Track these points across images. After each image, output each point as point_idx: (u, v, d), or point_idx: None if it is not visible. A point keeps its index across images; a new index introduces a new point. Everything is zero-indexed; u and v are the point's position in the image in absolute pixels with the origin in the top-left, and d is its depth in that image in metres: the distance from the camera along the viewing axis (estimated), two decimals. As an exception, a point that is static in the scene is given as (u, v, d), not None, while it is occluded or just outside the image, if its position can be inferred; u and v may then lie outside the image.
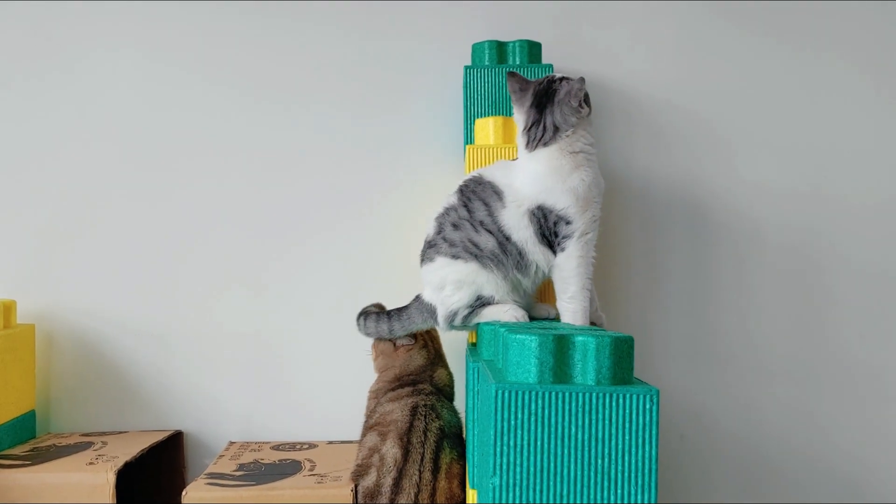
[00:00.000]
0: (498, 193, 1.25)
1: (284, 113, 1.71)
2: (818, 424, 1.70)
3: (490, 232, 1.24)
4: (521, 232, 1.23)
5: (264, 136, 1.70)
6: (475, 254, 1.24)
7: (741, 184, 1.71)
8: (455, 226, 1.27)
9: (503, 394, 0.83)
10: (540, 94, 1.27)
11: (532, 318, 1.28)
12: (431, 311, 1.32)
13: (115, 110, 1.70)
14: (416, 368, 1.43)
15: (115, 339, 1.69)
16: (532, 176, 1.24)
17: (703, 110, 1.71)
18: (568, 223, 1.22)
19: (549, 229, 1.23)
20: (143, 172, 1.70)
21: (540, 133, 1.24)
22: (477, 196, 1.27)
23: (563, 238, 1.22)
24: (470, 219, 1.26)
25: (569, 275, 1.23)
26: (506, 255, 1.24)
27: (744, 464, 1.70)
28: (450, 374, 1.48)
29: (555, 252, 1.24)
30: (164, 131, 1.70)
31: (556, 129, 1.23)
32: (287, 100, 1.70)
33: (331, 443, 1.63)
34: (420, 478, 1.26)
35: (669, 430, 1.69)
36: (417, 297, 1.36)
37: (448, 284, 1.27)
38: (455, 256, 1.26)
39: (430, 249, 1.30)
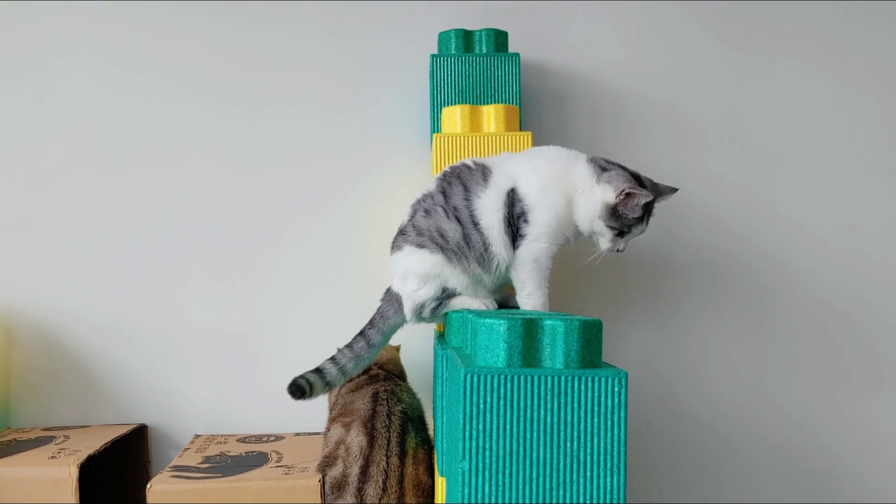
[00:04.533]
0: (485, 174, 1.25)
1: (250, 110, 1.69)
2: (784, 412, 1.73)
3: (459, 220, 1.23)
4: (492, 216, 1.22)
5: (230, 134, 1.68)
6: (441, 245, 1.23)
7: (705, 174, 1.72)
8: (427, 212, 1.26)
9: (472, 378, 0.82)
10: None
11: (502, 308, 1.28)
12: (400, 302, 1.30)
13: (78, 109, 1.67)
14: None
15: (77, 333, 1.66)
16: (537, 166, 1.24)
17: (668, 101, 1.72)
18: (526, 221, 1.21)
19: (514, 219, 1.22)
20: (109, 168, 1.67)
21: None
22: (460, 180, 1.26)
23: (520, 237, 1.22)
24: (444, 204, 1.24)
25: (525, 276, 1.22)
26: (469, 247, 1.23)
27: (709, 451, 1.72)
28: (390, 353, 1.51)
29: (514, 248, 1.23)
30: (130, 129, 1.68)
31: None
32: (253, 97, 1.69)
33: (298, 435, 1.62)
34: (388, 463, 1.26)
35: (635, 417, 1.70)
36: (388, 290, 1.34)
37: (411, 275, 1.26)
38: (420, 245, 1.25)
39: (399, 237, 1.29)
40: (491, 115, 1.45)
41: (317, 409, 1.52)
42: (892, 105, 1.75)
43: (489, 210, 1.22)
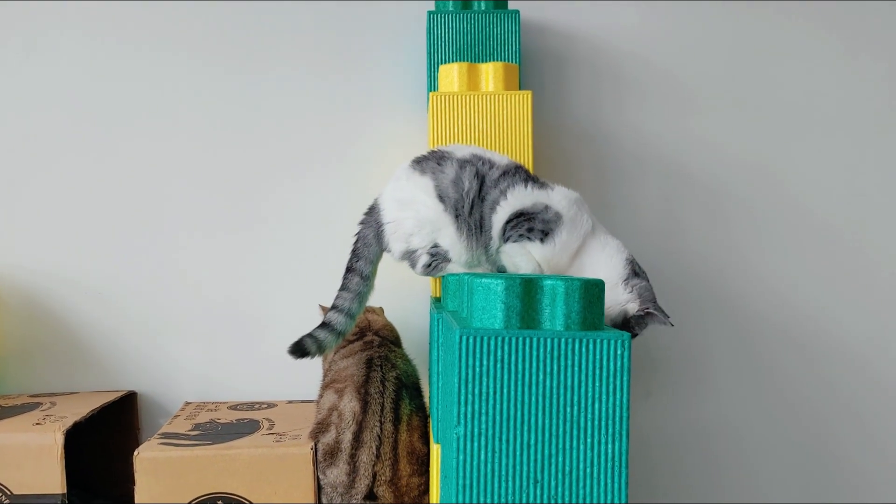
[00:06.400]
0: (544, 185, 1.22)
1: (242, 71, 1.63)
2: (785, 386, 1.70)
3: (492, 206, 1.18)
4: (518, 202, 1.19)
5: (222, 96, 1.63)
6: (458, 214, 1.19)
7: (707, 140, 1.68)
8: (477, 176, 1.20)
9: (468, 340, 0.79)
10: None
11: None
12: (379, 226, 1.25)
13: (66, 69, 1.62)
14: None
15: (66, 298, 1.62)
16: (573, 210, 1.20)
17: (671, 65, 1.67)
18: (541, 241, 1.16)
19: (525, 221, 1.18)
20: (98, 131, 1.62)
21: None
22: (529, 176, 1.22)
23: (526, 238, 1.16)
24: (494, 182, 1.19)
25: (521, 262, 1.18)
26: (481, 231, 1.19)
27: (708, 422, 1.69)
28: (378, 314, 1.47)
29: (505, 239, 1.19)
30: (119, 91, 1.62)
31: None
32: (245, 56, 1.63)
33: (290, 402, 1.59)
34: (381, 429, 1.23)
35: (638, 386, 1.68)
36: (371, 210, 1.28)
37: (411, 211, 1.20)
38: (441, 198, 1.20)
39: (430, 162, 1.22)
40: (490, 73, 1.40)
41: (310, 376, 1.48)
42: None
43: (520, 198, 1.19)
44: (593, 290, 0.82)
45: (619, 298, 1.17)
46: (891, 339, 1.71)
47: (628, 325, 1.18)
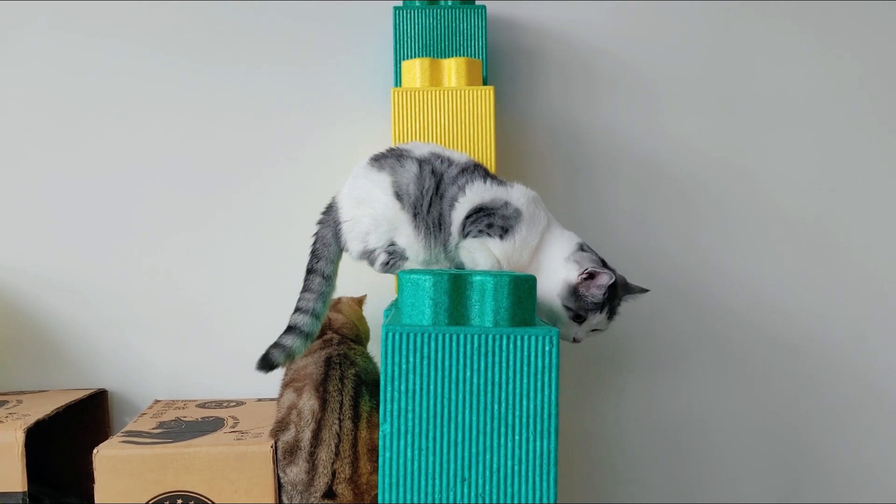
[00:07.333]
0: (503, 182, 1.21)
1: (206, 66, 1.62)
2: (759, 382, 1.69)
3: (451, 202, 1.18)
4: (477, 197, 1.18)
5: (186, 92, 1.62)
6: (416, 213, 1.18)
7: (680, 137, 1.67)
8: (434, 174, 1.19)
9: (394, 336, 0.78)
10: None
11: None
12: (337, 224, 1.24)
13: (31, 64, 1.61)
14: None
15: (35, 295, 1.62)
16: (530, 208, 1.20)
17: (643, 61, 1.67)
18: (500, 237, 1.15)
19: (484, 216, 1.17)
20: (65, 126, 1.61)
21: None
22: (488, 174, 1.22)
23: (485, 234, 1.16)
24: (452, 180, 1.19)
25: (480, 258, 1.16)
26: (440, 229, 1.18)
27: (682, 420, 1.69)
28: (346, 317, 1.45)
29: (464, 234, 1.18)
30: (85, 86, 1.62)
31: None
32: (208, 51, 1.62)
33: (260, 400, 1.59)
34: (340, 427, 1.22)
35: (612, 384, 1.67)
36: (328, 210, 1.28)
37: (368, 209, 1.20)
38: (398, 196, 1.19)
39: (391, 159, 1.22)
40: (452, 68, 1.39)
41: (281, 374, 1.48)
42: (875, 66, 1.69)
43: (479, 193, 1.18)
44: (523, 286, 0.81)
45: (559, 275, 1.15)
46: (864, 333, 1.70)
47: (577, 294, 1.14)
